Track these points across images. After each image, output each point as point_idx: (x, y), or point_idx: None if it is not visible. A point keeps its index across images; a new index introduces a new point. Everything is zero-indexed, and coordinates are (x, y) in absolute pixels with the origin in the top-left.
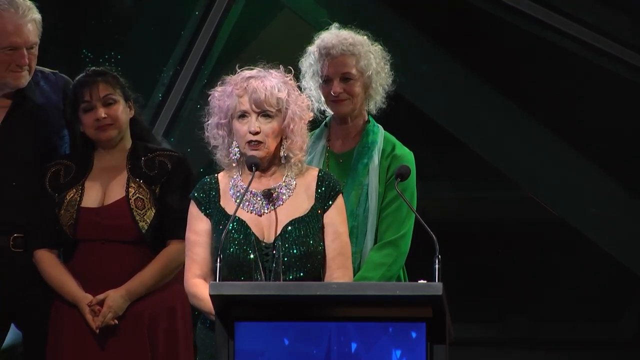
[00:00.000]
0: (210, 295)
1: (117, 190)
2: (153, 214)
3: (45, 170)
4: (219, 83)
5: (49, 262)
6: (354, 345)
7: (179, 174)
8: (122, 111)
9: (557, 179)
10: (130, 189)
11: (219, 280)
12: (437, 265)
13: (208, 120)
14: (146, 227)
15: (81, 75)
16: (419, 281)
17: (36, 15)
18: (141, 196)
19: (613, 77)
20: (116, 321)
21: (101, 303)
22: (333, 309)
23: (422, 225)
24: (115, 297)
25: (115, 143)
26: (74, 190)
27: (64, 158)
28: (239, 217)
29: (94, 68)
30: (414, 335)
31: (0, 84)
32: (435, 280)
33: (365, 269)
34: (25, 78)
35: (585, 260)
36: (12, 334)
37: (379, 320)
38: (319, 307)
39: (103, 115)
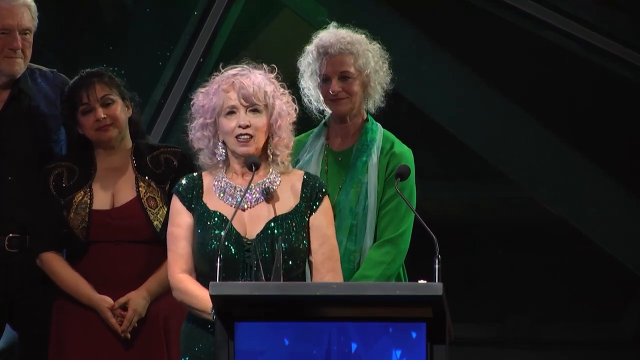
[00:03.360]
0: (211, 295)
1: (126, 191)
2: (165, 212)
3: (46, 172)
4: (200, 86)
5: (59, 265)
6: (354, 345)
7: (185, 169)
8: (121, 110)
9: (557, 179)
10: (140, 189)
11: (218, 280)
12: (437, 265)
13: (191, 124)
14: (160, 226)
15: (76, 77)
16: (419, 281)
17: (30, 1)
18: (152, 195)
19: (613, 77)
20: (136, 324)
21: (123, 306)
22: (333, 309)
23: (422, 225)
24: (138, 300)
25: (116, 143)
26: (82, 192)
27: (64, 160)
28: (219, 213)
29: (88, 69)
30: (414, 335)
31: None
32: (435, 280)
33: (364, 267)
34: (19, 65)
35: (585, 260)
36: (9, 334)
37: (379, 320)
38: (319, 307)
39: (103, 115)
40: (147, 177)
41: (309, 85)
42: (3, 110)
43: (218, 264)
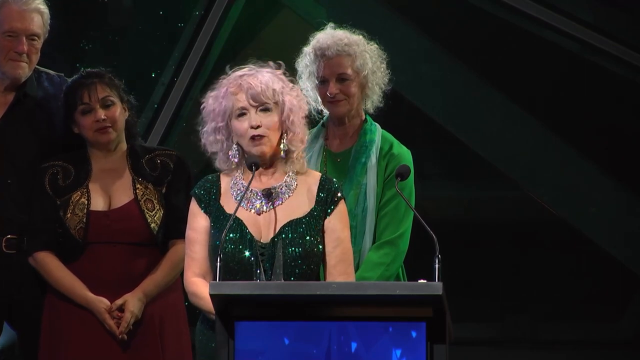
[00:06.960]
0: (210, 295)
1: (123, 193)
2: (162, 214)
3: (42, 171)
4: (209, 90)
5: (53, 264)
6: (354, 345)
7: (181, 173)
8: (120, 113)
9: (557, 178)
10: (137, 191)
11: (219, 280)
12: (437, 265)
13: (203, 128)
14: (157, 228)
15: (75, 77)
16: (419, 281)
17: (43, 8)
18: (149, 197)
19: (613, 77)
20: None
21: (119, 308)
22: (333, 308)
23: (422, 225)
24: (134, 301)
25: (114, 145)
26: (79, 193)
27: (58, 160)
28: (235, 216)
29: (88, 69)
30: (414, 334)
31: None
32: (435, 280)
33: (363, 268)
34: (23, 69)
35: (585, 260)
36: (9, 334)
37: (379, 320)
38: (319, 307)
39: (103, 116)
40: (143, 180)
41: (307, 87)
42: (7, 113)
43: (218, 264)
